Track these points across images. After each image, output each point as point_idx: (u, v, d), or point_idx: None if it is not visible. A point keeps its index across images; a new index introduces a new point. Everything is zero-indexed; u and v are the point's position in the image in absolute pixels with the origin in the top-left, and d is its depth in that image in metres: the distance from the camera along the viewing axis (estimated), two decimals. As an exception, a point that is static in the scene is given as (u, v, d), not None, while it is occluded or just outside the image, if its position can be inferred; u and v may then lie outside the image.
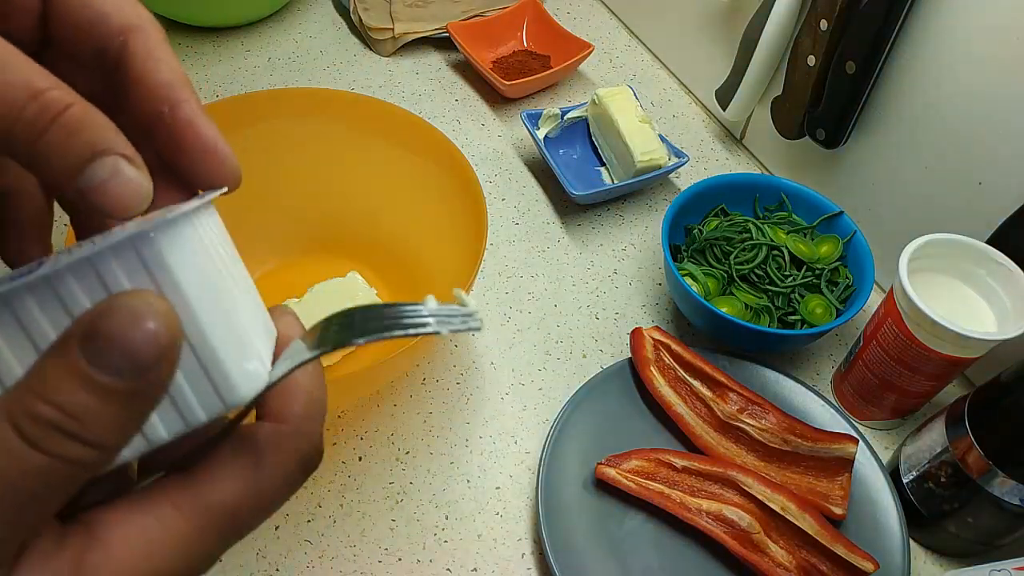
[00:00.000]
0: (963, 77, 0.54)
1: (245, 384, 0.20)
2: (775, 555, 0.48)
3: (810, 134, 0.66)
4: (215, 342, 0.19)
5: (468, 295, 0.21)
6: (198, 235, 0.20)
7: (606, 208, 0.73)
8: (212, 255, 0.20)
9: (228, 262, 0.22)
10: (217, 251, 0.21)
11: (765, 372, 0.58)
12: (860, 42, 0.57)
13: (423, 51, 0.87)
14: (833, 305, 0.59)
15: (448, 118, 0.80)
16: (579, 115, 0.75)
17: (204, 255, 0.20)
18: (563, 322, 0.63)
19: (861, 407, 0.57)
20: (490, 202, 0.72)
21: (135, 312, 0.17)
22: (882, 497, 0.52)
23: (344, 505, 0.52)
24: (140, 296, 0.17)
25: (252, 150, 0.59)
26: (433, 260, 0.59)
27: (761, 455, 0.53)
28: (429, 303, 0.20)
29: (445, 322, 0.20)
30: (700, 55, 0.81)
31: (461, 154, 0.56)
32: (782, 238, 0.62)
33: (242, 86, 0.81)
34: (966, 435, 0.46)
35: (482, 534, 0.51)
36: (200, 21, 0.86)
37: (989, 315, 0.50)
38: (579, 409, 0.54)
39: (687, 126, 0.82)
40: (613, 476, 0.50)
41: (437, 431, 0.56)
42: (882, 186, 0.63)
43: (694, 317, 0.60)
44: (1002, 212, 0.52)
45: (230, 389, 0.20)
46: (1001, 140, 0.52)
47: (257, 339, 0.21)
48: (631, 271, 0.67)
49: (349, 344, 0.20)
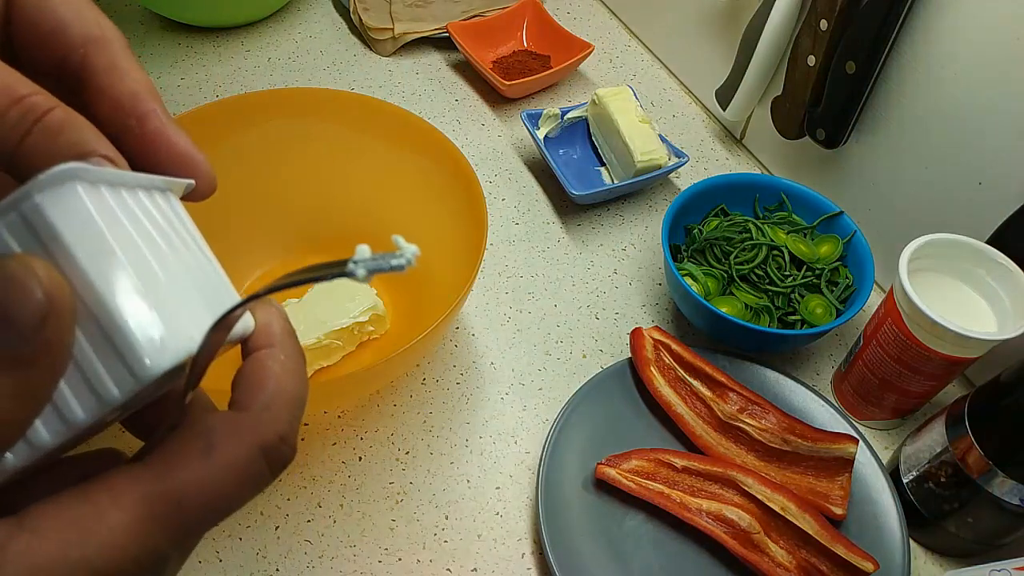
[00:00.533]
0: (963, 77, 0.54)
1: (157, 355, 0.19)
2: (775, 555, 0.48)
3: (810, 134, 0.66)
4: (117, 311, 0.18)
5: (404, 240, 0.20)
6: (99, 195, 0.19)
7: (606, 208, 0.73)
8: (117, 217, 0.19)
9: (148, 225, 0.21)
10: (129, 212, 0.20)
11: (765, 372, 0.58)
12: (860, 42, 0.57)
13: (423, 51, 0.87)
14: (833, 305, 0.59)
15: (448, 118, 0.80)
16: (579, 115, 0.75)
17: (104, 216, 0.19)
18: (563, 322, 0.63)
19: (861, 407, 0.57)
20: (490, 202, 0.72)
21: (13, 276, 0.16)
22: (882, 497, 0.52)
23: (344, 505, 0.52)
24: (21, 260, 0.17)
25: (252, 150, 0.60)
26: (433, 260, 0.59)
27: (761, 455, 0.53)
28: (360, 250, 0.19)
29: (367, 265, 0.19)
30: (700, 55, 0.81)
31: (461, 154, 0.56)
32: (782, 238, 0.62)
33: (242, 86, 0.81)
34: (966, 435, 0.46)
35: (482, 534, 0.51)
36: (200, 21, 0.86)
37: (989, 315, 0.50)
38: (579, 409, 0.54)
39: (687, 126, 0.82)
40: (613, 476, 0.50)
41: (437, 431, 0.56)
42: (882, 186, 0.63)
43: (694, 317, 0.60)
44: (1002, 212, 0.52)
45: (138, 361, 0.18)
46: (1001, 140, 0.52)
47: (184, 311, 0.20)
48: (631, 271, 0.67)
49: (271, 291, 0.19)
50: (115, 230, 0.19)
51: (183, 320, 0.20)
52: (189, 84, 0.81)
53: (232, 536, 0.50)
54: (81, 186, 0.18)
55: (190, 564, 0.48)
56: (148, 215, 0.21)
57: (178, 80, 0.81)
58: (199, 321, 0.21)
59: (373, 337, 0.59)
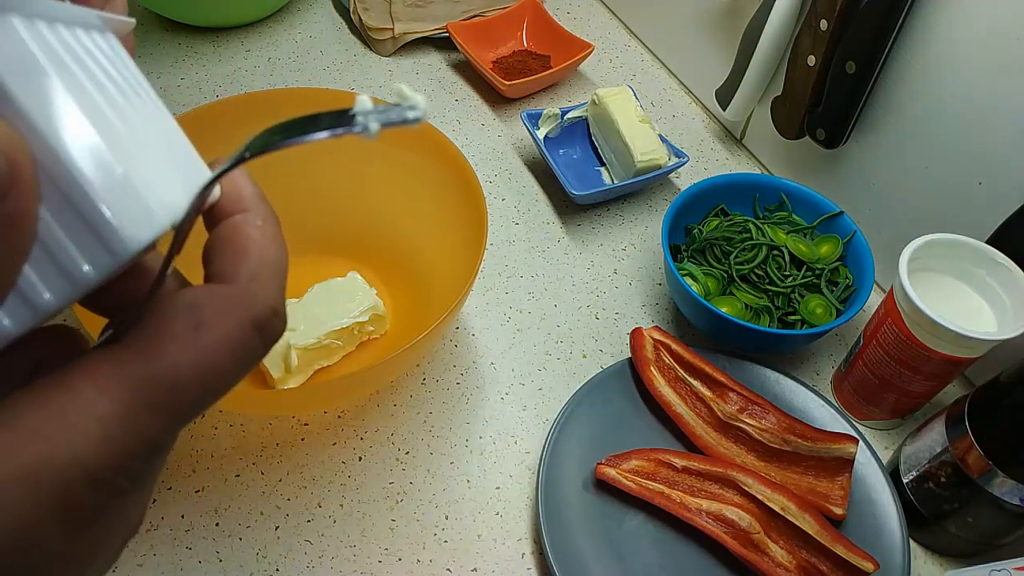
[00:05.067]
0: (963, 77, 0.54)
1: (134, 227, 0.16)
2: (775, 555, 0.48)
3: (810, 134, 0.66)
4: (84, 176, 0.15)
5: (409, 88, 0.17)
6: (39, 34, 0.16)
7: (606, 208, 0.73)
8: (63, 61, 0.16)
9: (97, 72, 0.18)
10: (75, 55, 0.17)
11: (765, 372, 0.58)
12: (860, 42, 0.57)
13: (423, 51, 0.87)
14: (833, 305, 0.59)
15: (448, 118, 0.80)
16: (579, 115, 0.75)
17: (51, 59, 0.16)
18: (563, 322, 0.63)
19: (861, 407, 0.57)
20: (490, 202, 0.72)
21: None
22: (882, 497, 0.52)
23: (344, 505, 0.52)
24: None
25: (252, 150, 0.60)
26: (433, 260, 0.59)
27: (761, 455, 0.53)
28: (360, 101, 0.17)
29: (378, 117, 0.16)
30: (700, 55, 0.81)
31: (461, 154, 0.56)
32: (782, 238, 0.62)
33: (242, 86, 0.81)
34: (966, 435, 0.46)
35: (482, 534, 0.51)
36: (200, 21, 0.86)
37: (989, 315, 0.50)
38: (579, 409, 0.54)
39: (687, 126, 0.82)
40: (613, 476, 0.50)
41: (437, 431, 0.56)
42: (882, 186, 0.63)
43: (694, 317, 0.60)
44: (1002, 212, 0.52)
45: (114, 234, 0.16)
46: (1001, 140, 0.52)
47: (156, 175, 0.18)
48: (631, 271, 0.67)
49: (266, 150, 0.17)
50: (66, 77, 0.16)
51: (158, 186, 0.17)
52: (189, 84, 0.81)
53: (232, 536, 0.50)
54: (18, 20, 0.15)
55: (190, 564, 0.48)
56: (94, 59, 0.18)
57: (178, 80, 0.81)
58: (172, 185, 0.18)
59: (373, 337, 0.59)
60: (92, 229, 0.16)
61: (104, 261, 0.16)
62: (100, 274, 0.16)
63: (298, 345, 0.53)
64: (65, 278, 0.16)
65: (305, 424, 0.55)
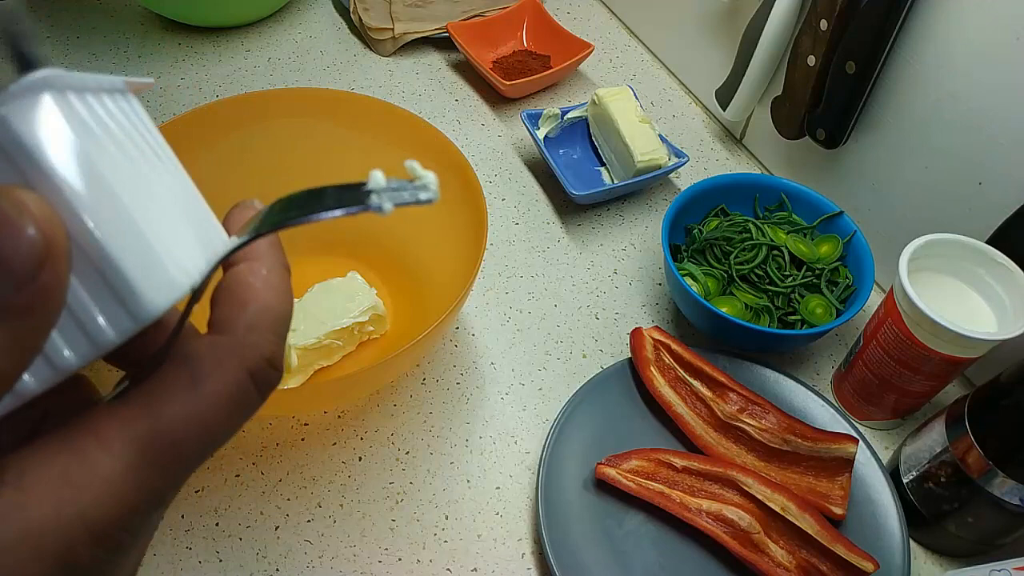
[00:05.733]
0: (963, 77, 0.54)
1: (156, 293, 0.17)
2: (775, 555, 0.48)
3: (810, 134, 0.66)
4: (111, 245, 0.16)
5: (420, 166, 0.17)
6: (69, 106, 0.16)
7: (606, 208, 0.73)
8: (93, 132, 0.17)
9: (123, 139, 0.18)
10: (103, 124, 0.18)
11: (765, 372, 0.58)
12: (860, 42, 0.57)
13: (423, 51, 0.87)
14: (833, 305, 0.59)
15: (448, 118, 0.80)
16: (579, 115, 0.75)
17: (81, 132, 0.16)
18: (563, 322, 0.63)
19: (861, 407, 0.57)
20: (490, 202, 0.72)
21: (2, 214, 0.14)
22: (882, 497, 0.52)
23: (344, 505, 0.52)
24: (9, 194, 0.14)
25: (252, 150, 0.60)
26: (433, 260, 0.59)
27: (761, 455, 0.53)
28: (375, 178, 0.17)
29: (391, 196, 0.17)
30: (700, 55, 0.81)
31: (461, 154, 0.56)
32: (782, 238, 0.62)
33: (242, 86, 0.81)
34: (966, 435, 0.45)
35: (482, 534, 0.51)
36: (200, 21, 0.86)
37: (989, 315, 0.50)
38: (579, 409, 0.54)
39: (687, 126, 0.82)
40: (613, 476, 0.50)
41: (437, 431, 0.56)
42: (882, 186, 0.63)
43: (694, 317, 0.60)
44: (1002, 212, 0.52)
45: (137, 300, 0.16)
46: (1001, 140, 0.52)
47: (176, 241, 0.18)
48: (631, 271, 0.67)
49: (281, 226, 0.17)
50: (95, 148, 0.17)
51: (178, 251, 0.18)
52: (189, 84, 0.81)
53: (232, 536, 0.50)
54: (51, 95, 0.16)
55: (190, 564, 0.48)
56: (120, 126, 0.19)
57: (178, 80, 0.81)
58: (191, 249, 0.19)
59: (373, 337, 0.59)
60: (116, 295, 0.16)
61: (125, 325, 0.17)
62: (121, 337, 0.17)
63: (298, 345, 0.53)
64: (87, 340, 0.17)
65: (305, 424, 0.55)
